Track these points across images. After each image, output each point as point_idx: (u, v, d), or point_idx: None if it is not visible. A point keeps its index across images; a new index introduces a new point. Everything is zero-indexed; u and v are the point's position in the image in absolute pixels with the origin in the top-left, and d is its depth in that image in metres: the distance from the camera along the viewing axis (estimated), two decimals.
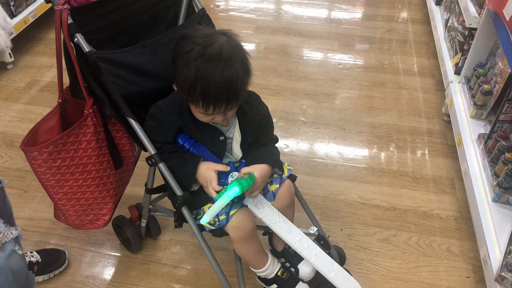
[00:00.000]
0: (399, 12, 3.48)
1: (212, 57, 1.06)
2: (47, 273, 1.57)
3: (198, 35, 1.10)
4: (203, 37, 1.09)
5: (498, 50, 1.97)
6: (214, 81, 1.06)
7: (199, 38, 1.08)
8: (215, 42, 1.07)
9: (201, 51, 1.06)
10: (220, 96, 1.08)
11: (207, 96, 1.08)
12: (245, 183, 1.15)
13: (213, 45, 1.07)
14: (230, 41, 1.10)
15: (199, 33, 1.10)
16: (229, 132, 1.26)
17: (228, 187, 1.14)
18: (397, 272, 1.64)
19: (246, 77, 1.12)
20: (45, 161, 1.24)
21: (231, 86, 1.08)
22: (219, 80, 1.06)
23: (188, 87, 1.09)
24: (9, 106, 2.41)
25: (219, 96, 1.08)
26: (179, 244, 1.72)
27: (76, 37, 1.14)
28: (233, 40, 1.11)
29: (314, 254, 1.25)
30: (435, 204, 1.90)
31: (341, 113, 2.40)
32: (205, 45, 1.07)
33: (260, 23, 3.27)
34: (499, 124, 1.72)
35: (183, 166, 1.22)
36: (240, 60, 1.10)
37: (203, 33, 1.11)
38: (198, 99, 1.09)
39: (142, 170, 1.60)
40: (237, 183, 1.13)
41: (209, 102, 1.09)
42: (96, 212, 1.43)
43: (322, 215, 1.84)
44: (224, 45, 1.07)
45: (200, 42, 1.07)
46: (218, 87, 1.07)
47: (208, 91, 1.07)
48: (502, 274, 1.34)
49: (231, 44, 1.09)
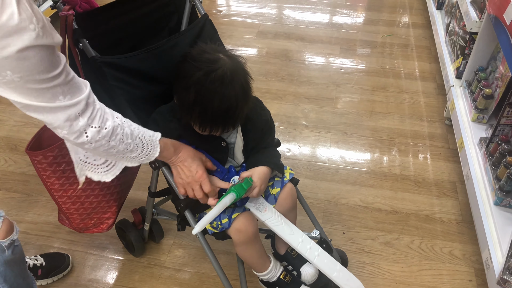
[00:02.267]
0: (400, 16, 3.50)
1: (213, 83, 1.08)
2: (51, 277, 1.58)
3: (201, 60, 1.11)
4: (207, 62, 1.10)
5: (499, 54, 1.98)
6: (212, 108, 1.09)
7: (202, 63, 1.10)
8: (217, 68, 1.09)
9: (201, 78, 1.08)
10: (217, 121, 1.13)
11: (204, 120, 1.12)
12: (241, 190, 1.18)
13: (216, 71, 1.08)
14: (233, 67, 1.11)
15: (203, 57, 1.12)
16: (231, 137, 1.27)
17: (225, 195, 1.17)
18: (399, 276, 1.64)
19: (245, 103, 1.14)
20: (50, 165, 1.25)
21: (229, 114, 1.11)
22: (217, 108, 1.09)
23: (186, 108, 1.12)
24: (13, 110, 2.43)
25: (216, 121, 1.12)
26: (182, 248, 1.73)
27: (81, 42, 1.15)
28: (235, 64, 1.13)
29: (316, 255, 1.27)
30: (437, 207, 1.90)
31: (343, 117, 2.41)
32: (207, 71, 1.09)
33: (262, 28, 3.29)
34: (501, 128, 1.73)
35: None
36: (241, 85, 1.12)
37: (207, 58, 1.11)
38: (196, 120, 1.13)
39: (145, 174, 1.61)
40: (234, 190, 1.17)
41: (206, 125, 1.14)
42: (100, 215, 1.44)
43: (324, 219, 1.84)
44: (226, 71, 1.09)
45: (202, 67, 1.09)
46: (216, 114, 1.10)
47: (206, 116, 1.11)
48: (504, 277, 1.34)
49: (234, 69, 1.11)
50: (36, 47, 0.76)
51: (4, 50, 0.73)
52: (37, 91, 0.81)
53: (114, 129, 0.97)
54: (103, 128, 0.94)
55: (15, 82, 0.77)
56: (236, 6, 3.64)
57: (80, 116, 0.90)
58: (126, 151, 1.03)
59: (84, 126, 0.91)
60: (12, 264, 1.16)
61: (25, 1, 0.74)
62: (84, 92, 0.91)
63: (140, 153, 1.06)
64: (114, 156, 1.04)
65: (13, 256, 1.16)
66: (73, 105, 0.88)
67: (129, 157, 1.06)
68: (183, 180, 1.18)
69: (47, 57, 0.79)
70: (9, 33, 0.72)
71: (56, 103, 0.85)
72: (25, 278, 1.24)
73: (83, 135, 0.92)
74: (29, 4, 0.75)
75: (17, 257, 1.18)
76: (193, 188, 1.18)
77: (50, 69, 0.81)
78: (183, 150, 1.17)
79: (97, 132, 0.94)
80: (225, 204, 1.15)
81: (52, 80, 0.82)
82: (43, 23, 0.77)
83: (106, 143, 0.97)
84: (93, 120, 0.93)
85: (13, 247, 1.16)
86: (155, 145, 1.08)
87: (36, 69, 0.78)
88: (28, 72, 0.77)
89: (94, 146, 0.96)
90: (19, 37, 0.73)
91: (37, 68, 0.78)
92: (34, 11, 0.75)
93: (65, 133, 0.91)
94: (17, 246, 1.19)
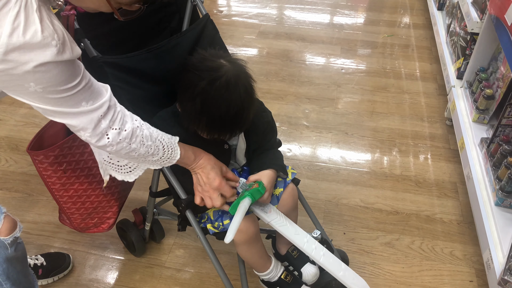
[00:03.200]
0: (401, 17, 3.50)
1: (218, 91, 1.08)
2: (52, 276, 1.58)
3: (203, 68, 1.11)
4: (209, 70, 1.10)
5: (500, 55, 1.98)
6: (220, 115, 1.09)
7: (204, 72, 1.10)
8: (221, 76, 1.09)
9: (206, 88, 1.08)
10: (225, 127, 1.13)
11: (212, 128, 1.13)
12: (257, 195, 1.18)
13: (219, 79, 1.08)
14: (235, 71, 1.11)
15: (204, 66, 1.11)
16: (233, 139, 1.27)
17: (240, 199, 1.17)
18: (400, 276, 1.64)
19: (251, 106, 1.15)
20: (51, 165, 1.25)
21: (237, 119, 1.12)
22: (225, 114, 1.09)
23: (193, 119, 1.12)
24: (14, 110, 2.43)
25: (224, 127, 1.13)
26: (182, 248, 1.73)
27: (83, 42, 1.15)
28: (237, 68, 1.13)
29: (322, 254, 1.27)
30: (438, 208, 1.90)
31: (343, 118, 2.41)
32: (211, 79, 1.08)
33: (263, 28, 3.29)
34: (502, 128, 1.73)
35: (189, 173, 1.23)
36: (245, 90, 1.12)
37: (208, 66, 1.11)
38: (203, 129, 1.13)
39: (146, 174, 1.60)
40: (249, 194, 1.17)
41: (214, 133, 1.14)
42: (100, 215, 1.44)
43: (325, 219, 1.84)
44: (230, 78, 1.09)
45: (205, 76, 1.09)
46: (224, 120, 1.11)
47: (213, 124, 1.12)
48: (505, 278, 1.34)
49: (236, 74, 1.11)
50: (57, 62, 0.79)
51: (27, 65, 0.76)
52: (60, 99, 0.85)
53: (133, 131, 0.99)
54: (122, 130, 0.97)
55: (38, 93, 0.81)
56: (237, 6, 3.65)
57: (102, 118, 0.93)
58: (148, 155, 1.05)
59: (105, 128, 0.94)
60: (14, 262, 1.17)
61: (46, 19, 0.77)
62: (106, 95, 0.93)
63: (162, 156, 1.08)
64: (136, 159, 1.07)
65: (15, 254, 1.16)
66: (97, 109, 0.91)
67: (151, 160, 1.08)
68: (202, 188, 1.18)
69: (67, 68, 0.82)
70: (33, 49, 0.76)
71: (80, 108, 0.88)
72: (27, 275, 1.25)
73: (104, 137, 0.95)
74: (50, 21, 0.78)
75: (19, 254, 1.19)
76: (210, 197, 1.18)
77: (71, 80, 0.84)
78: (204, 157, 1.18)
79: (117, 134, 0.96)
80: (245, 208, 1.15)
81: (73, 89, 0.85)
82: (64, 38, 0.80)
83: (127, 146, 0.99)
84: (114, 122, 0.95)
85: (16, 244, 1.17)
86: (175, 148, 1.10)
87: (57, 80, 0.81)
88: (50, 83, 0.81)
89: (115, 149, 0.98)
90: (42, 52, 0.76)
91: (58, 79, 0.81)
92: (55, 27, 0.79)
93: (88, 136, 0.93)
94: (20, 244, 1.19)
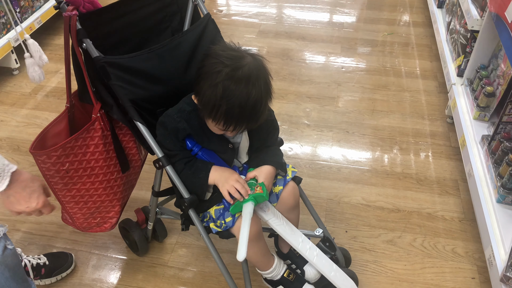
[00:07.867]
0: (401, 15, 3.50)
1: (240, 80, 1.09)
2: (54, 276, 1.59)
3: (226, 56, 1.12)
4: (232, 58, 1.11)
5: (501, 52, 1.98)
6: (239, 104, 1.09)
7: (227, 59, 1.11)
8: (243, 65, 1.10)
9: (230, 74, 1.09)
10: (243, 118, 1.13)
11: (230, 117, 1.12)
12: (260, 199, 1.20)
13: (242, 68, 1.09)
14: (256, 64, 1.13)
15: (227, 54, 1.12)
16: (237, 137, 1.28)
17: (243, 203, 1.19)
18: (402, 274, 1.65)
19: (268, 99, 1.16)
20: (54, 165, 1.25)
21: (255, 110, 1.12)
22: (244, 104, 1.10)
23: (212, 106, 1.12)
24: (15, 111, 2.43)
25: (242, 118, 1.13)
26: (185, 247, 1.73)
27: (85, 43, 1.16)
28: (258, 62, 1.14)
29: (315, 255, 1.30)
30: (439, 205, 1.90)
31: (344, 116, 2.41)
32: (234, 67, 1.09)
33: (263, 28, 3.29)
34: (503, 126, 1.73)
35: (196, 174, 1.23)
36: (265, 83, 1.13)
37: (231, 54, 1.12)
38: (221, 118, 1.13)
39: (148, 174, 1.61)
40: (252, 198, 1.18)
41: (231, 122, 1.13)
42: (103, 215, 1.45)
43: (327, 217, 1.85)
44: (252, 68, 1.10)
45: (229, 64, 1.10)
46: (243, 110, 1.11)
47: (232, 113, 1.11)
48: (508, 275, 1.35)
49: (257, 67, 1.12)
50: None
51: None
52: None
53: None
54: None
55: None
56: (236, 5, 3.65)
57: None
58: None
59: None
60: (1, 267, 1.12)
61: None
62: None
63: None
64: None
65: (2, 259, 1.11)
66: None
67: None
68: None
69: None
70: None
71: None
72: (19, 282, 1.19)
73: None
74: None
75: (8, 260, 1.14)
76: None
77: None
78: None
79: None
80: (250, 215, 1.16)
81: None
82: None
83: None
84: None
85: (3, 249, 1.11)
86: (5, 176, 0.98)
87: None
88: None
89: None
90: None
91: None
92: None
93: None
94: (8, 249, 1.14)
